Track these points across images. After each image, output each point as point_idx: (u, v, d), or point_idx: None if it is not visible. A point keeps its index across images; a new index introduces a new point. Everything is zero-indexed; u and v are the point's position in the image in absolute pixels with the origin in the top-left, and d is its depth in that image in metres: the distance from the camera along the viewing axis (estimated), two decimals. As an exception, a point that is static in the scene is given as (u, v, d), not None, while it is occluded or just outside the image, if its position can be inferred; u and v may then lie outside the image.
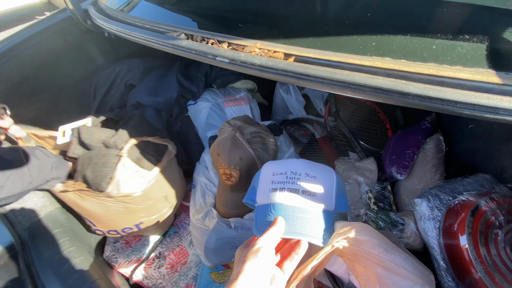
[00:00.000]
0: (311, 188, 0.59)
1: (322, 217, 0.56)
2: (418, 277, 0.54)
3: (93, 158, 0.75)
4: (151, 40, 0.60)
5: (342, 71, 0.39)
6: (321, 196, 0.59)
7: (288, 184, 0.59)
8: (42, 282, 0.74)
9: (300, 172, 0.61)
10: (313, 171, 0.62)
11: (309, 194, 0.58)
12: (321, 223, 0.55)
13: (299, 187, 0.58)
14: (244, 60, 0.45)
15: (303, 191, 0.58)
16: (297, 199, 0.57)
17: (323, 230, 0.54)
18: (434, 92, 0.36)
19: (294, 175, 0.60)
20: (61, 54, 1.03)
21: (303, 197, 0.57)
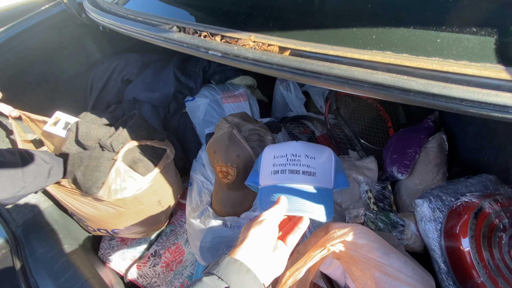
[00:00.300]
0: (311, 169, 0.63)
1: (322, 195, 0.60)
2: (418, 281, 0.52)
3: (85, 160, 0.72)
4: (143, 33, 0.58)
5: (340, 65, 0.37)
6: (320, 176, 0.63)
7: (289, 166, 0.63)
8: (35, 280, 0.73)
9: (300, 154, 0.65)
10: (312, 152, 0.66)
11: (309, 174, 0.62)
12: (321, 200, 0.59)
13: (300, 168, 0.63)
14: (237, 53, 0.43)
15: (303, 171, 0.62)
16: (298, 179, 0.61)
17: (324, 207, 0.58)
18: (438, 89, 0.34)
19: (294, 157, 0.64)
20: (56, 49, 1.02)
21: (304, 177, 0.62)
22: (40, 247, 0.79)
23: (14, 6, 4.34)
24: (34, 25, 0.92)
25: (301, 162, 0.64)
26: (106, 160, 0.71)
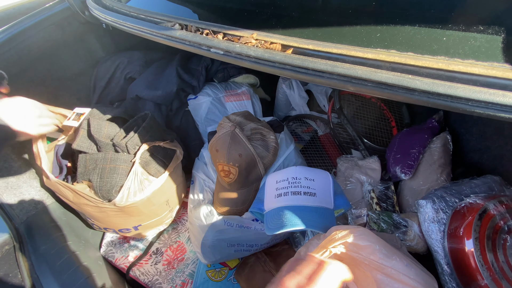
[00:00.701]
0: (311, 190, 0.69)
1: (323, 213, 0.66)
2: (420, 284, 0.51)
3: (99, 162, 0.71)
4: (145, 31, 0.57)
5: (343, 64, 0.36)
6: (320, 196, 0.70)
7: (291, 188, 0.70)
8: (37, 276, 0.73)
9: (300, 177, 0.72)
10: (311, 175, 0.73)
11: (310, 194, 0.69)
12: (323, 217, 0.65)
13: (301, 189, 0.69)
14: (239, 51, 0.43)
15: (304, 192, 0.69)
16: (300, 199, 0.68)
17: (325, 222, 0.64)
18: (443, 88, 0.33)
19: (295, 180, 0.71)
20: (59, 46, 1.02)
21: (305, 197, 0.68)
22: (43, 244, 0.79)
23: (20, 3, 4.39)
24: (37, 22, 0.92)
25: (301, 184, 0.70)
26: (123, 163, 0.71)
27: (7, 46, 0.86)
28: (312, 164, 1.16)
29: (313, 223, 0.62)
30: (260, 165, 0.86)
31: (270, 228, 0.64)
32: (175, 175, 0.86)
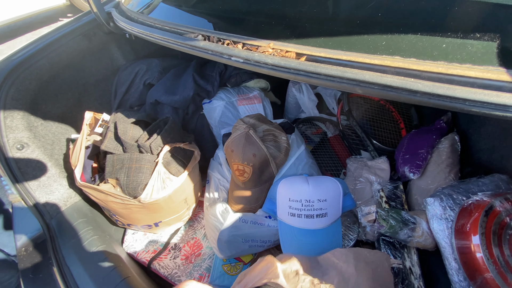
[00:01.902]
0: (323, 211, 0.79)
1: (331, 230, 0.79)
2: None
3: (126, 162, 0.77)
4: (171, 41, 0.63)
5: (352, 69, 0.41)
6: (331, 213, 0.80)
7: (304, 211, 0.79)
8: (68, 267, 0.79)
9: (313, 200, 0.79)
10: (323, 195, 0.80)
11: (322, 216, 0.79)
12: (331, 235, 0.79)
13: (313, 212, 0.79)
14: (258, 59, 0.48)
15: (317, 215, 0.79)
16: (313, 223, 0.79)
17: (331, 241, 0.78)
18: (442, 90, 0.37)
19: (308, 203, 0.79)
20: (86, 55, 1.10)
21: (317, 220, 0.79)
22: (72, 238, 0.86)
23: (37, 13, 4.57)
24: (67, 33, 1.00)
25: (314, 207, 0.79)
26: (148, 163, 0.77)
27: (41, 55, 0.94)
28: (322, 165, 1.19)
29: (323, 246, 0.76)
30: (273, 164, 0.90)
31: (285, 247, 0.78)
32: (193, 174, 0.91)
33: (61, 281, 0.77)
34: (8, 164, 0.86)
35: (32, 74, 0.93)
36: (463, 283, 0.70)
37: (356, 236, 0.85)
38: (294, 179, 0.85)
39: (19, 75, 0.89)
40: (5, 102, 0.86)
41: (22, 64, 0.90)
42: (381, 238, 0.85)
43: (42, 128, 0.98)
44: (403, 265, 0.79)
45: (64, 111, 1.09)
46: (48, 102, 1.03)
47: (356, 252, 0.68)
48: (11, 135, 0.87)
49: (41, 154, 0.93)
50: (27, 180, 0.89)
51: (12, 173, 0.86)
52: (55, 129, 1.04)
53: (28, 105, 0.92)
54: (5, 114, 0.86)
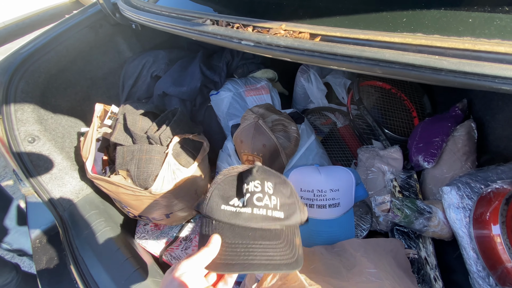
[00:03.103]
0: (336, 201, 0.76)
1: (344, 220, 0.76)
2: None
3: (136, 153, 0.77)
4: (178, 28, 0.62)
5: (371, 48, 0.38)
6: (344, 202, 0.77)
7: (316, 201, 0.76)
8: (82, 258, 0.80)
9: (326, 189, 0.77)
10: (335, 184, 0.78)
11: (335, 206, 0.76)
12: (344, 225, 0.76)
13: (326, 202, 0.76)
14: (270, 42, 0.46)
15: (329, 205, 0.76)
16: (325, 212, 0.75)
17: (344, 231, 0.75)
18: (470, 67, 0.35)
19: (320, 193, 0.77)
20: (92, 47, 1.09)
21: (330, 210, 0.76)
22: (85, 229, 0.87)
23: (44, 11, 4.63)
24: (73, 25, 0.99)
25: (327, 197, 0.76)
26: (157, 154, 0.76)
27: (49, 48, 0.93)
28: (332, 155, 1.17)
29: (336, 236, 0.74)
30: (283, 154, 0.89)
31: None
32: (203, 166, 0.90)
33: (76, 272, 0.78)
34: (21, 157, 0.87)
35: (41, 67, 0.93)
36: (481, 273, 0.68)
37: (369, 226, 0.83)
38: (305, 169, 0.84)
39: (28, 68, 0.89)
40: (15, 95, 0.86)
41: (31, 57, 0.90)
42: (395, 228, 0.83)
43: (52, 121, 0.99)
44: (418, 255, 0.77)
45: (73, 105, 1.09)
46: (57, 95, 1.04)
47: (374, 243, 0.66)
48: (22, 128, 0.87)
49: (52, 147, 0.94)
50: (40, 173, 0.90)
51: (25, 166, 0.87)
52: (65, 122, 1.04)
53: (37, 99, 0.93)
54: (15, 107, 0.86)
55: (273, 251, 0.43)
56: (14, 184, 2.17)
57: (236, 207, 0.45)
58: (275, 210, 0.46)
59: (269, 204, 0.46)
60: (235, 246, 0.42)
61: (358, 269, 0.56)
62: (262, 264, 0.41)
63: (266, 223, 0.45)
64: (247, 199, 0.45)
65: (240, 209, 0.45)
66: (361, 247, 0.64)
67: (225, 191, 0.47)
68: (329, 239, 0.74)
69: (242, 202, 0.46)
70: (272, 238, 0.44)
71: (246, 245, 0.43)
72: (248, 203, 0.45)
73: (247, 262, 0.41)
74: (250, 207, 0.45)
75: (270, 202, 0.46)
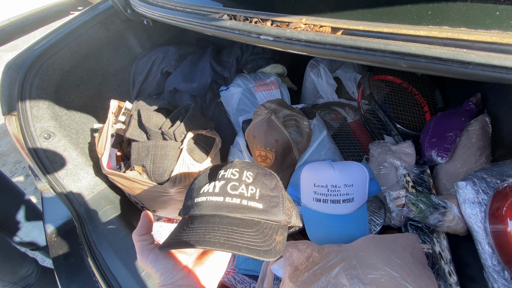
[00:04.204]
0: (350, 196, 0.76)
1: (358, 215, 0.76)
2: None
3: (151, 149, 0.78)
4: (195, 23, 0.62)
5: (396, 42, 0.38)
6: (358, 198, 0.77)
7: (330, 196, 0.77)
8: (99, 251, 0.82)
9: (340, 185, 0.77)
10: (349, 179, 0.78)
11: (349, 201, 0.76)
12: (356, 221, 0.75)
13: (340, 197, 0.76)
14: (290, 36, 0.46)
15: (343, 200, 0.76)
16: (339, 208, 0.76)
17: (359, 227, 0.74)
18: (499, 60, 0.34)
19: (334, 188, 0.77)
20: (104, 44, 1.10)
21: (344, 205, 0.76)
22: (101, 224, 0.88)
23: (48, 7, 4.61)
24: (85, 21, 1.00)
25: (340, 192, 0.76)
26: (172, 149, 0.77)
27: (62, 44, 0.94)
28: (343, 150, 1.17)
29: (350, 231, 0.74)
30: (295, 150, 0.89)
31: (311, 233, 0.75)
32: (215, 161, 0.91)
33: (94, 266, 0.80)
34: (37, 153, 0.88)
35: (55, 63, 0.94)
36: (497, 267, 0.68)
37: (382, 222, 0.83)
38: (318, 164, 0.84)
39: (42, 65, 0.90)
40: (30, 91, 0.87)
41: (45, 53, 0.91)
42: (408, 223, 0.83)
43: (66, 117, 1.00)
44: (432, 250, 0.77)
45: (85, 101, 1.10)
46: (70, 92, 1.05)
47: (390, 241, 0.67)
48: (38, 124, 0.88)
49: (67, 143, 0.95)
50: (56, 169, 0.91)
51: (41, 162, 0.89)
52: (78, 118, 1.05)
53: (52, 95, 0.94)
54: (31, 103, 0.87)
55: (238, 235, 0.38)
56: (24, 180, 2.21)
57: (206, 194, 0.42)
58: (251, 200, 0.41)
59: (244, 193, 0.41)
60: (196, 228, 0.38)
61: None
62: (219, 242, 0.36)
63: (239, 213, 0.41)
64: (220, 186, 0.42)
65: (211, 197, 0.41)
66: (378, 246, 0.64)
67: (201, 182, 0.44)
68: (343, 234, 0.75)
69: (213, 188, 0.42)
70: (242, 226, 0.39)
71: (208, 226, 0.38)
72: (221, 191, 0.41)
73: (202, 239, 0.36)
74: (222, 196, 0.41)
75: (246, 191, 0.42)
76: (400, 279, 0.57)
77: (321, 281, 0.59)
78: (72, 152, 0.94)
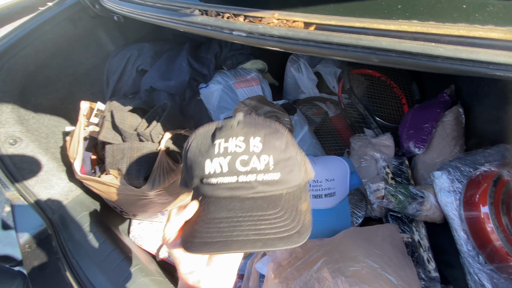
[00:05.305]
0: (331, 190, 0.77)
1: (340, 209, 0.77)
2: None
3: (126, 151, 0.74)
4: (165, 19, 0.59)
5: (367, 37, 0.38)
6: (339, 192, 0.78)
7: (312, 191, 0.76)
8: (76, 260, 0.78)
9: (321, 180, 0.77)
10: (330, 174, 0.78)
11: (330, 195, 0.77)
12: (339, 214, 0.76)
13: (322, 192, 0.76)
14: (263, 32, 0.44)
15: (325, 194, 0.76)
16: (321, 202, 0.76)
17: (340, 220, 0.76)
18: (466, 54, 0.35)
19: (316, 183, 0.77)
20: (72, 41, 1.04)
21: (326, 199, 0.76)
22: (77, 232, 0.84)
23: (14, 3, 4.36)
24: (50, 18, 0.93)
25: (322, 187, 0.76)
26: (149, 151, 0.74)
27: (25, 43, 0.88)
28: (325, 145, 1.18)
29: (332, 225, 0.75)
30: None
31: None
32: (196, 161, 0.89)
33: (71, 276, 0.76)
34: (2, 160, 0.83)
35: (17, 64, 0.88)
36: (472, 252, 0.71)
37: (364, 213, 0.85)
38: None
39: (3, 65, 0.84)
40: (-9, 95, 0.81)
41: (6, 53, 0.84)
42: (389, 213, 0.85)
43: (34, 121, 0.94)
44: (411, 239, 0.80)
45: (55, 103, 1.04)
46: (38, 93, 0.98)
47: (372, 233, 0.68)
48: (1, 129, 0.83)
49: (36, 148, 0.90)
50: (24, 176, 0.86)
51: (7, 169, 0.83)
52: (48, 121, 0.99)
53: (16, 98, 0.88)
54: (-7, 108, 0.82)
55: (266, 223, 0.35)
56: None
57: (215, 176, 0.37)
58: (267, 173, 0.37)
59: (257, 167, 0.36)
60: (219, 222, 0.36)
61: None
62: (249, 240, 0.34)
63: (257, 190, 0.37)
64: (227, 164, 0.36)
65: (222, 178, 0.36)
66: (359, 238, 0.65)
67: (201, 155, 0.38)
68: (326, 229, 0.75)
69: (219, 166, 0.36)
70: (266, 208, 0.36)
71: (232, 219, 0.36)
72: (231, 170, 0.36)
73: (230, 239, 0.34)
74: (234, 175, 0.36)
75: (259, 163, 0.36)
76: (380, 269, 0.58)
77: (304, 276, 0.59)
78: (42, 157, 0.89)
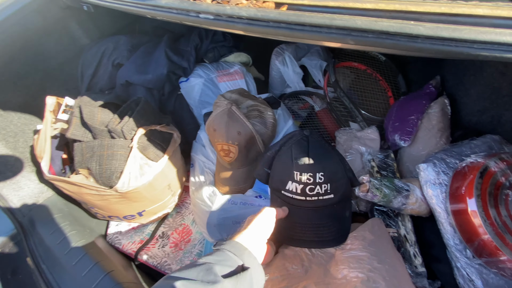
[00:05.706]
0: None
1: None
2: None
3: (96, 149, 0.70)
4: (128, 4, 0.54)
5: (342, 16, 0.34)
6: None
7: None
8: (46, 266, 0.73)
9: None
10: None
11: None
12: None
13: None
14: (231, 13, 0.40)
15: None
16: None
17: None
18: (447, 32, 0.31)
19: None
20: (42, 35, 0.97)
21: None
22: (48, 236, 0.79)
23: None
24: (17, 10, 0.87)
25: None
26: (121, 148, 0.69)
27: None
28: (311, 139, 1.15)
29: None
30: (260, 142, 0.85)
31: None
32: (175, 159, 0.85)
33: (41, 281, 0.72)
34: (-37, 161, 0.77)
35: (-19, 58, 0.82)
36: (459, 246, 0.69)
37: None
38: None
39: (-36, 60, 0.77)
40: (-50, 91, 0.75)
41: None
42: (374, 208, 0.83)
43: (1, 119, 0.88)
44: (398, 233, 0.78)
45: (26, 100, 0.98)
46: (6, 90, 0.92)
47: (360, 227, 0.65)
48: (-38, 129, 0.77)
49: (3, 148, 0.84)
50: (-10, 178, 0.80)
51: (-30, 171, 0.77)
52: (17, 119, 0.93)
53: (-20, 94, 0.82)
54: (-49, 105, 0.75)
55: (324, 229, 0.58)
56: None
57: (292, 193, 0.60)
58: (326, 195, 0.59)
59: (320, 191, 0.58)
60: (294, 226, 0.59)
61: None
62: (313, 241, 0.58)
63: (318, 205, 0.59)
64: (300, 189, 0.59)
65: (296, 195, 0.59)
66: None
67: (283, 170, 0.62)
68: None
69: (295, 188, 0.59)
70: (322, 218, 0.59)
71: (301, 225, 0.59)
72: (302, 193, 0.58)
73: (301, 239, 0.58)
74: (304, 196, 0.59)
75: (321, 189, 0.58)
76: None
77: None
78: (9, 157, 0.83)
